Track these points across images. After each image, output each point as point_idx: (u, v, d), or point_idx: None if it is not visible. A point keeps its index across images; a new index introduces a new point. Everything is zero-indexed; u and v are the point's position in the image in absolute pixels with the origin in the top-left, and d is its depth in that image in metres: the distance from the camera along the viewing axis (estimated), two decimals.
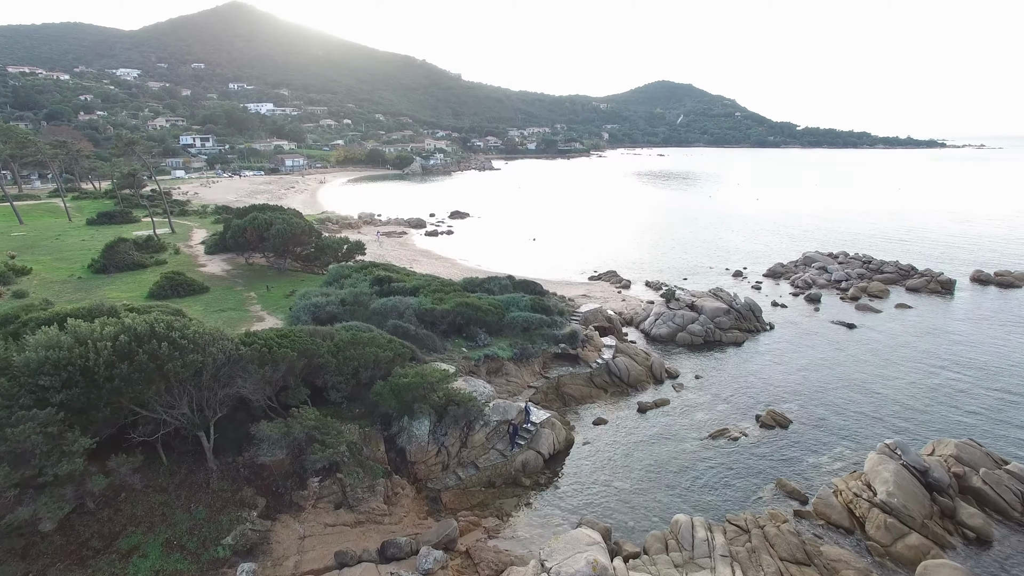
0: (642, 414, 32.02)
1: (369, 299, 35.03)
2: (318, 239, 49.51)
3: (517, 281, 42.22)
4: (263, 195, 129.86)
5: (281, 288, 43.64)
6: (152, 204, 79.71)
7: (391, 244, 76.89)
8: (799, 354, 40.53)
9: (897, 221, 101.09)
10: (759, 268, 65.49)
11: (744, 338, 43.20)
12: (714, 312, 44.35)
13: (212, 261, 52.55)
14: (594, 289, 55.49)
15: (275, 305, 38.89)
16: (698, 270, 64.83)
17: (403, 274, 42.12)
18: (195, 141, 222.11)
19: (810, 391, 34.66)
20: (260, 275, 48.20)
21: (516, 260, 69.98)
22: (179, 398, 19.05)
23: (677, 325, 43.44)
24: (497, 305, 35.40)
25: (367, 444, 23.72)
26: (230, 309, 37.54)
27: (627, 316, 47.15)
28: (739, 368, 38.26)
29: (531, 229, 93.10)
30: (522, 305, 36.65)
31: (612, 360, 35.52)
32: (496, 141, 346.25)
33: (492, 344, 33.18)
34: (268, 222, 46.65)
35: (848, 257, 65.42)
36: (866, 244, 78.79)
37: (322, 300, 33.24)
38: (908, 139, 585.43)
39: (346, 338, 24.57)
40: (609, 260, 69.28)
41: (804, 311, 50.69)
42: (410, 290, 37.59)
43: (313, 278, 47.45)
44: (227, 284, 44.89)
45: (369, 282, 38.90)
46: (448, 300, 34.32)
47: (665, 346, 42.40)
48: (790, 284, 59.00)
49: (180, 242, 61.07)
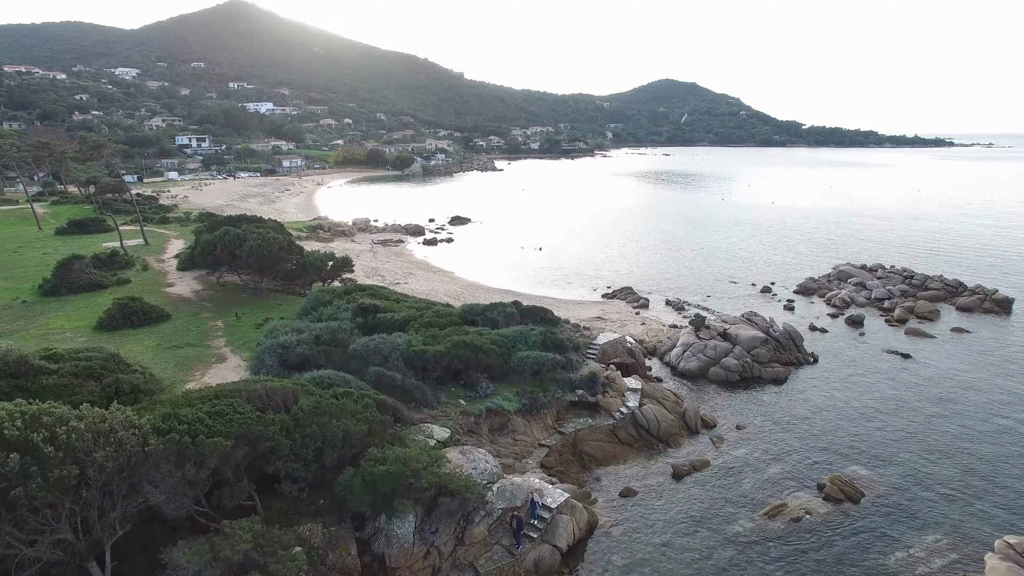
0: (678, 480, 26.34)
1: (349, 336, 29.45)
2: (299, 256, 43.91)
3: (524, 308, 36.56)
4: (256, 198, 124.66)
5: (254, 315, 38.11)
6: (114, 212, 74.14)
7: (386, 254, 71.33)
8: (853, 395, 34.78)
9: (924, 227, 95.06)
10: (788, 283, 59.71)
11: (786, 373, 37.42)
12: (750, 342, 38.62)
13: (183, 279, 47.03)
14: (609, 310, 49.80)
15: (243, 338, 33.35)
16: (721, 286, 59.05)
17: (392, 300, 36.50)
18: (191, 141, 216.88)
19: (877, 448, 28.91)
20: (233, 297, 42.68)
21: (520, 273, 64.31)
22: (54, 519, 13.47)
23: (709, 358, 37.73)
24: (501, 343, 29.76)
25: (333, 548, 18.14)
26: (188, 345, 31.99)
27: (649, 345, 41.43)
28: (786, 414, 32.53)
29: (536, 236, 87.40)
30: (531, 341, 31.00)
31: (639, 409, 29.84)
32: (499, 141, 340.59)
33: (496, 393, 27.54)
34: (241, 238, 41.09)
35: (887, 271, 59.52)
36: (897, 253, 72.92)
37: (291, 340, 27.65)
38: (915, 138, 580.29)
39: (307, 408, 18.97)
40: (623, 274, 63.54)
41: (847, 337, 44.89)
42: (399, 323, 32.00)
43: (293, 301, 41.91)
44: (193, 309, 39.36)
45: (352, 312, 33.32)
46: (443, 339, 28.69)
47: (695, 383, 36.68)
48: (825, 303, 53.18)
49: (153, 255, 55.61)
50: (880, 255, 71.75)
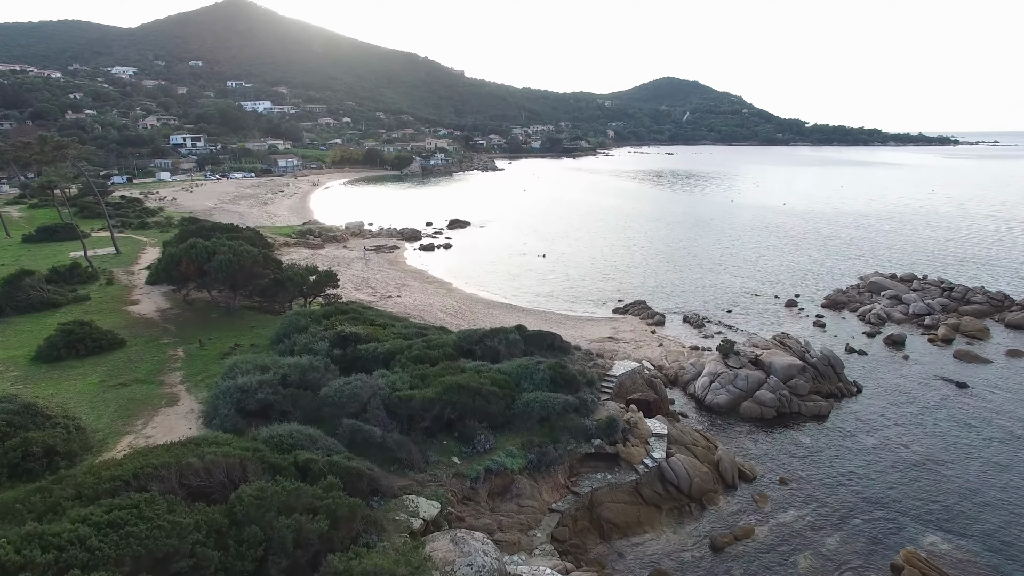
0: (717, 554, 21.74)
1: (323, 375, 24.86)
2: (276, 270, 39.24)
3: (529, 333, 31.89)
4: (248, 200, 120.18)
5: (221, 340, 33.48)
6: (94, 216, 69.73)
7: (379, 262, 66.67)
8: (910, 437, 30.10)
9: (947, 231, 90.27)
10: (813, 295, 55.02)
11: (828, 408, 32.73)
12: (786, 371, 33.97)
13: (150, 295, 42.42)
14: (622, 328, 45.13)
15: (203, 372, 28.69)
16: (741, 299, 54.36)
17: (378, 325, 31.84)
18: (186, 141, 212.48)
19: (953, 510, 24.25)
20: (202, 317, 38.06)
21: (523, 284, 59.65)
22: None
23: (740, 390, 33.08)
24: (503, 382, 25.12)
25: None
26: (137, 382, 27.34)
27: (669, 372, 36.79)
28: (835, 462, 27.86)
29: (539, 241, 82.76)
30: (538, 378, 26.34)
31: (666, 460, 25.19)
32: (499, 139, 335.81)
33: (497, 447, 22.92)
34: (209, 251, 36.48)
35: (921, 282, 54.81)
36: (927, 261, 68.23)
37: (251, 381, 23.03)
38: (919, 136, 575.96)
39: (249, 498, 14.35)
40: (634, 285, 58.85)
41: (890, 361, 40.18)
42: (383, 356, 27.37)
43: (269, 321, 37.23)
44: (155, 332, 34.73)
45: (329, 341, 28.68)
46: (433, 380, 24.05)
47: (725, 420, 32.04)
48: (858, 319, 48.47)
49: (122, 266, 51.02)
50: (909, 263, 67.02)
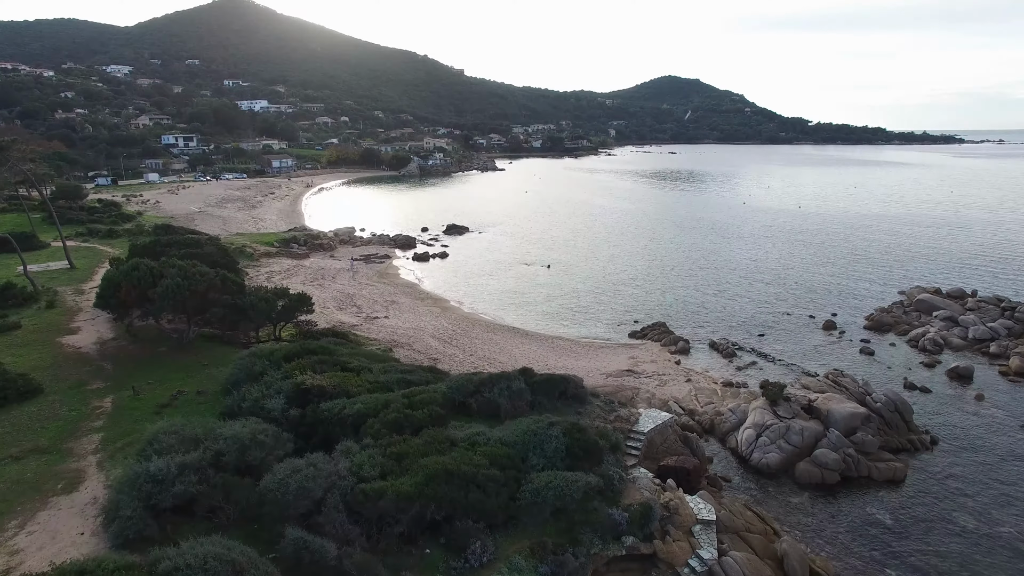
0: None
1: (270, 450, 18.93)
2: (238, 295, 33.24)
3: (537, 380, 25.83)
4: (235, 203, 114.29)
5: (165, 384, 27.50)
6: (64, 222, 63.88)
7: (367, 275, 60.70)
8: (1014, 509, 24.14)
9: (977, 235, 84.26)
10: (852, 314, 49.05)
11: (903, 470, 26.67)
12: (848, 421, 28.01)
13: (95, 322, 36.45)
14: (642, 358, 39.12)
15: (129, 435, 22.69)
16: (773, 318, 48.37)
17: (351, 371, 25.79)
18: (178, 141, 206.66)
19: None
20: (148, 351, 32.07)
21: (526, 301, 53.70)
22: None
23: (794, 447, 27.10)
24: (506, 460, 19.19)
25: None
26: (36, 452, 21.37)
27: (704, 417, 30.82)
28: (930, 554, 21.87)
29: (543, 249, 76.81)
30: (551, 449, 20.39)
31: (718, 561, 19.24)
32: (499, 139, 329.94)
33: (498, 558, 16.98)
34: (155, 274, 30.53)
35: (976, 300, 48.78)
36: (963, 271, 62.49)
37: (168, 467, 17.07)
38: (924, 135, 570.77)
39: None
40: (650, 302, 52.85)
41: (960, 401, 34.19)
42: (352, 419, 21.41)
43: (228, 356, 31.19)
44: (85, 374, 28.75)
45: (286, 396, 22.76)
46: (413, 463, 18.08)
47: (778, 486, 26.05)
48: (910, 345, 42.38)
49: (72, 284, 45.10)
50: (947, 274, 61.16)
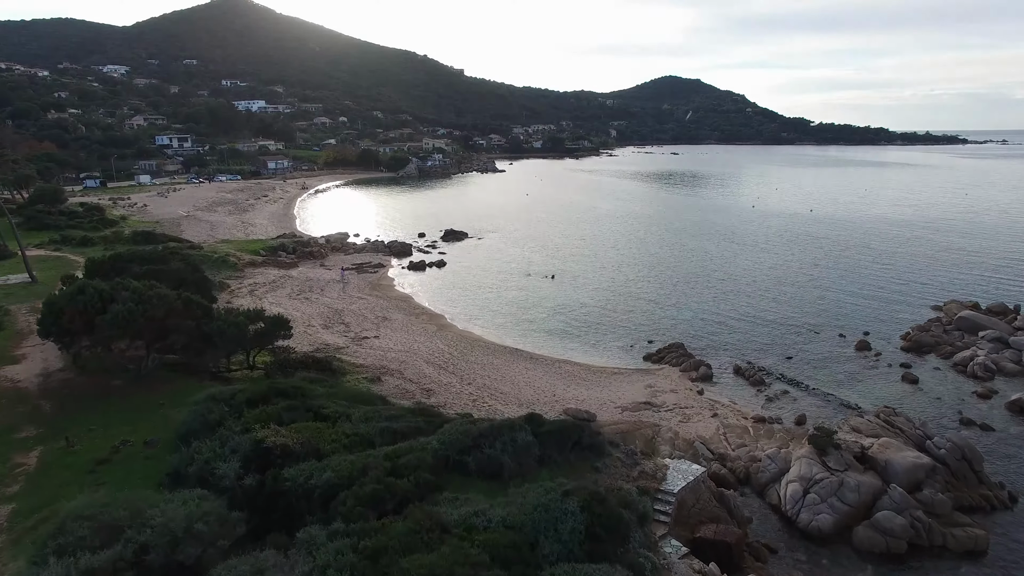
0: None
1: (211, 540, 14.76)
2: (203, 319, 29.07)
3: (546, 430, 21.59)
4: (226, 207, 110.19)
5: (109, 430, 23.34)
6: (42, 227, 60.05)
7: (359, 286, 56.56)
8: None
9: (1006, 243, 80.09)
10: (886, 331, 44.84)
11: (984, 539, 22.33)
12: (910, 474, 23.84)
13: (44, 347, 32.25)
14: (660, 385, 34.93)
15: (51, 501, 18.41)
16: (799, 338, 44.15)
17: (327, 419, 21.65)
18: (172, 141, 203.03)
19: None
20: (98, 386, 27.93)
21: (530, 317, 49.51)
22: None
23: (849, 506, 22.91)
24: (511, 553, 14.99)
25: None
26: None
27: (737, 465, 26.54)
28: None
29: (546, 257, 72.67)
30: (566, 531, 16.15)
31: None
32: (500, 139, 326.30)
33: None
34: (104, 298, 26.39)
35: (1022, 316, 44.63)
36: (997, 283, 58.27)
37: (67, 573, 12.93)
38: (927, 135, 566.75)
39: None
40: (666, 320, 48.62)
41: None
42: (321, 492, 17.23)
43: (191, 391, 26.99)
44: (17, 415, 24.59)
45: (242, 457, 18.60)
46: (392, 565, 13.92)
47: (833, 555, 21.86)
48: (956, 370, 38.21)
49: (29, 301, 40.97)
50: (980, 286, 57.06)
